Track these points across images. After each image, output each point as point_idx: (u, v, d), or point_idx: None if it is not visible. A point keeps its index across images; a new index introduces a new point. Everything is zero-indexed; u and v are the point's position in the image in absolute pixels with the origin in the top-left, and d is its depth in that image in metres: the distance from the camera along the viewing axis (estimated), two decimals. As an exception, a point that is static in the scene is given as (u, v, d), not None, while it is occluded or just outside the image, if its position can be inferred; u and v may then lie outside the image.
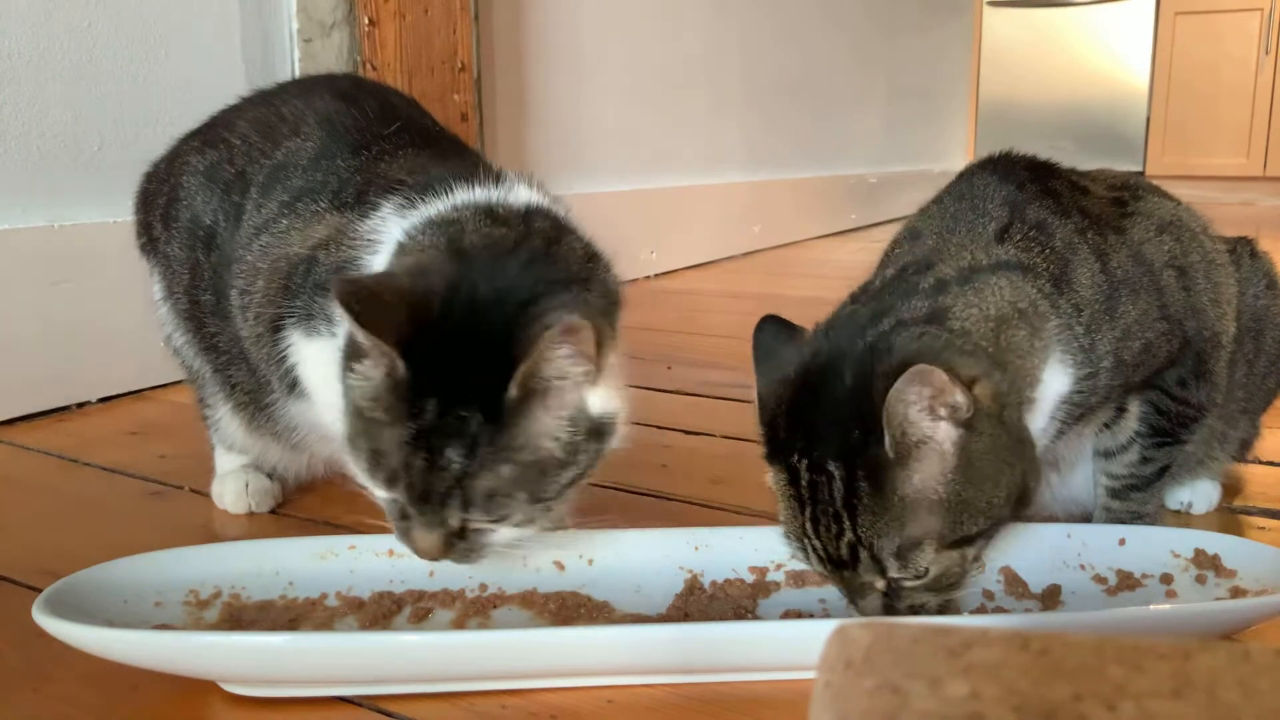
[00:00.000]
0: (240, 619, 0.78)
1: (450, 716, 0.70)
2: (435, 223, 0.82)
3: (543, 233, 0.81)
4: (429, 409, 0.70)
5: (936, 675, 0.35)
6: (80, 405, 1.45)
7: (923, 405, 0.67)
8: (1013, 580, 0.84)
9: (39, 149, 1.42)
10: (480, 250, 0.77)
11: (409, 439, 0.71)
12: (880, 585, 0.72)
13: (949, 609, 0.74)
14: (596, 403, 0.75)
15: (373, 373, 0.72)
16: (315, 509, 1.08)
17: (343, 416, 0.76)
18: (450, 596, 0.83)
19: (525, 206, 0.84)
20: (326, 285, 0.84)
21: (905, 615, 0.73)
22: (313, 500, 1.10)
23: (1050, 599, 0.82)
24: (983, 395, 0.71)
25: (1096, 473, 0.95)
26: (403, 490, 0.72)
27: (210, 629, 0.77)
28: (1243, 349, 0.97)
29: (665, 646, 0.71)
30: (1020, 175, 0.89)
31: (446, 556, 0.75)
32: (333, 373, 0.79)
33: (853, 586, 0.73)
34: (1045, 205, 0.86)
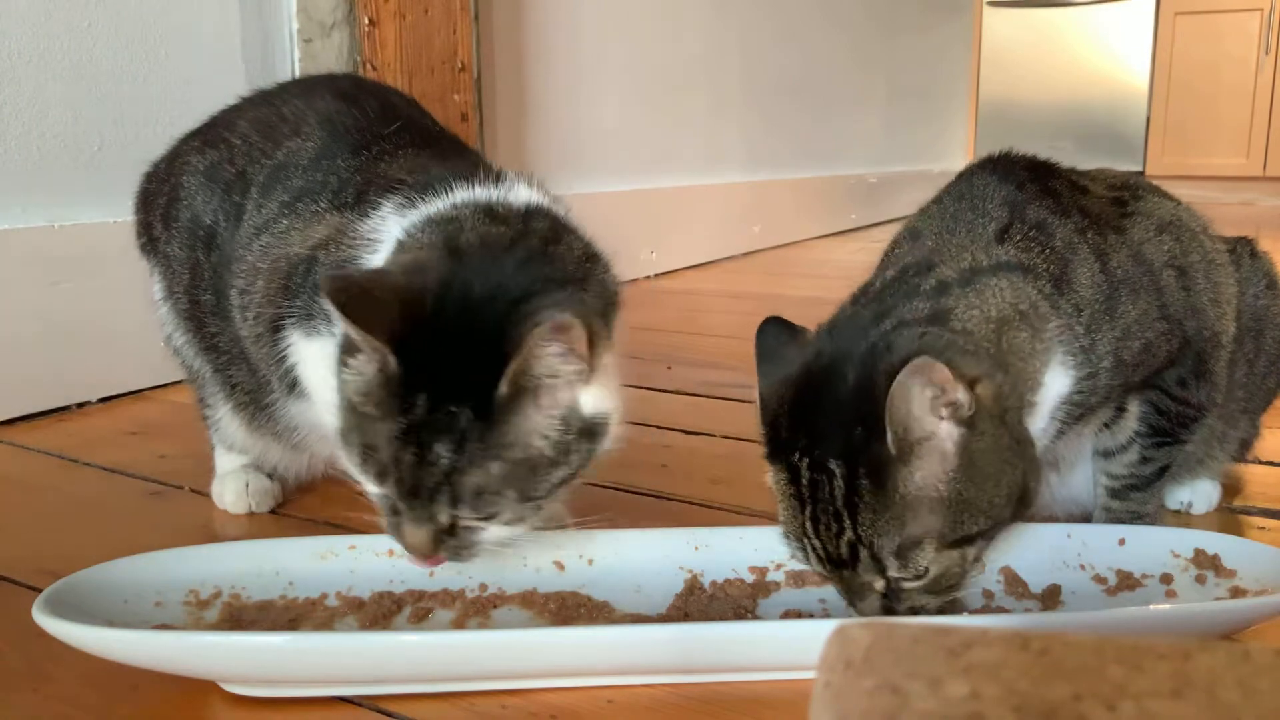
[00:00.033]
0: (240, 619, 0.78)
1: (450, 716, 0.70)
2: (434, 221, 0.82)
3: (541, 232, 0.81)
4: (419, 404, 0.70)
5: (936, 675, 0.35)
6: (80, 405, 1.45)
7: (925, 400, 0.67)
8: (1013, 580, 0.84)
9: (39, 149, 1.42)
10: (476, 248, 0.77)
11: (399, 434, 0.71)
12: (879, 586, 0.72)
13: (950, 610, 0.74)
14: (589, 402, 0.75)
15: (366, 368, 0.72)
16: (315, 509, 1.08)
17: (337, 411, 0.76)
18: (450, 596, 0.83)
19: (525, 206, 0.84)
20: None
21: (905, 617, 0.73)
22: (313, 500, 1.10)
23: (1050, 599, 0.82)
24: (984, 395, 0.71)
25: (1096, 473, 0.95)
26: (392, 485, 0.72)
27: (210, 629, 0.77)
28: (1243, 349, 0.97)
29: (665, 646, 0.71)
30: (1020, 175, 0.89)
31: (436, 554, 0.74)
32: (332, 372, 0.78)
33: (852, 587, 0.73)
34: (1045, 205, 0.86)
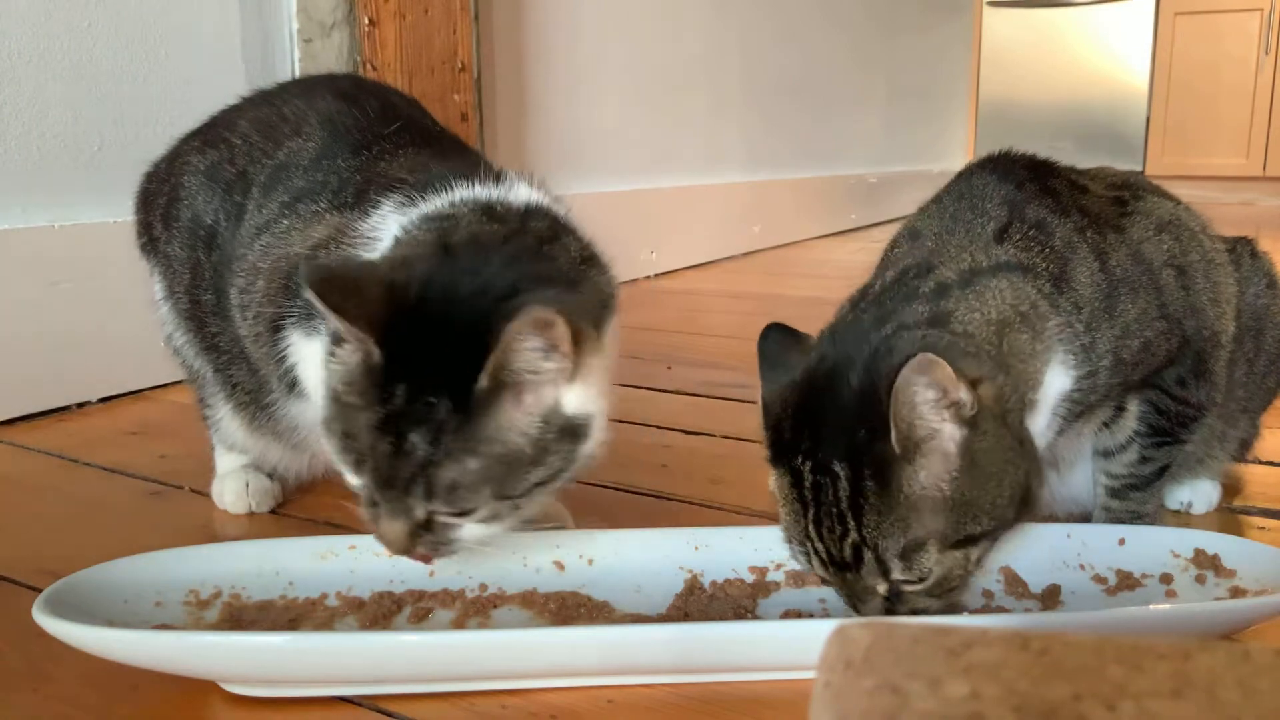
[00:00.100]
0: (240, 619, 0.78)
1: (450, 716, 0.70)
2: (431, 218, 0.82)
3: (537, 232, 0.81)
4: (399, 394, 0.70)
5: (936, 675, 0.35)
6: (80, 405, 1.45)
7: (928, 397, 0.67)
8: (1013, 580, 0.84)
9: (39, 149, 1.42)
10: (467, 245, 0.77)
11: (377, 423, 0.71)
12: (882, 589, 0.72)
13: (950, 611, 0.74)
14: (573, 402, 0.75)
15: (350, 358, 0.73)
16: (315, 509, 1.08)
17: (323, 401, 0.76)
18: (450, 596, 0.83)
19: (525, 205, 0.84)
20: None
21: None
22: (313, 500, 1.10)
23: (1050, 599, 0.82)
24: (986, 396, 0.71)
25: (1096, 472, 0.95)
26: (369, 474, 0.72)
27: (210, 629, 0.77)
28: (1243, 348, 0.97)
29: (665, 646, 0.71)
30: (1019, 174, 0.89)
31: (413, 549, 0.74)
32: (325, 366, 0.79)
33: (855, 590, 0.73)
34: (1044, 204, 0.86)
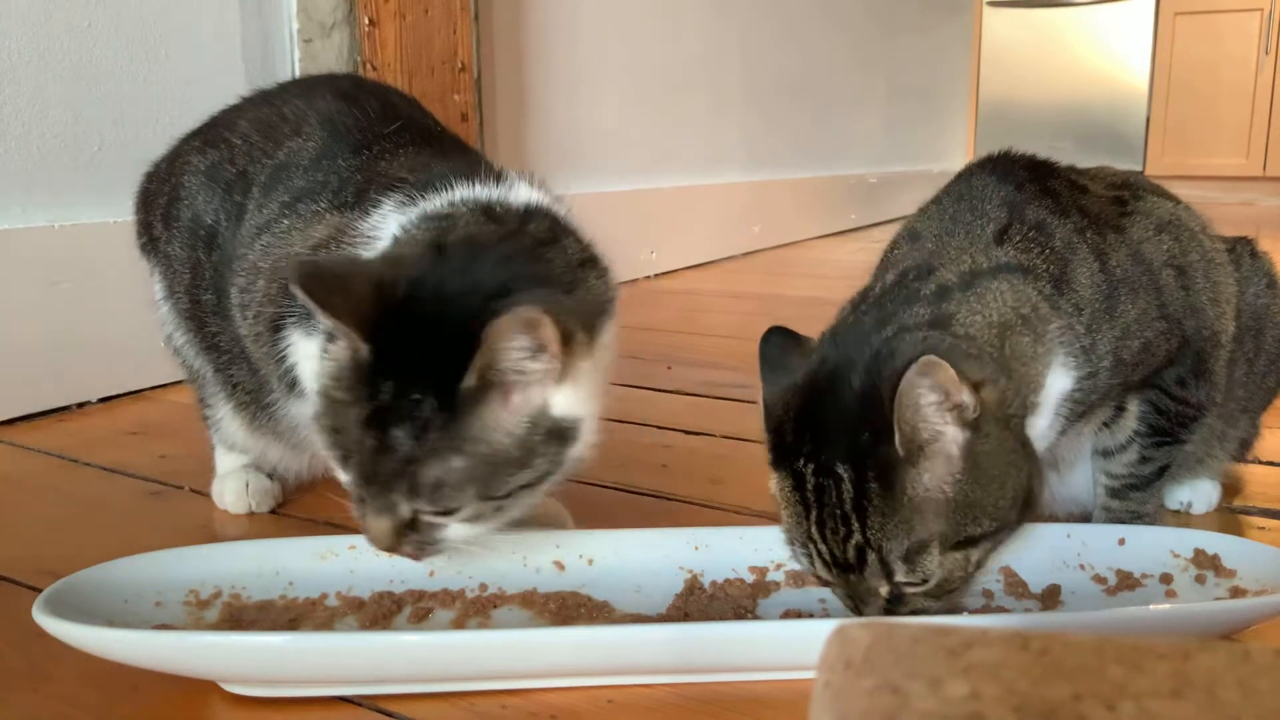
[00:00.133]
0: (240, 619, 0.78)
1: (450, 716, 0.70)
2: (429, 217, 0.82)
3: (535, 232, 0.80)
4: (385, 390, 0.71)
5: (936, 675, 0.35)
6: (80, 405, 1.45)
7: (931, 400, 0.67)
8: (1013, 580, 0.84)
9: (39, 149, 1.42)
10: (461, 244, 0.77)
11: (363, 418, 0.71)
12: (885, 590, 0.72)
13: (950, 611, 0.74)
14: (561, 404, 0.74)
15: (341, 354, 0.73)
16: (315, 509, 1.08)
17: (315, 396, 0.76)
18: (450, 596, 0.83)
19: (524, 206, 0.84)
20: None
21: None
22: (313, 500, 1.10)
23: (1050, 599, 0.82)
24: (988, 398, 0.71)
25: (1096, 472, 0.95)
26: (355, 469, 0.72)
27: (210, 629, 0.77)
28: (1243, 348, 0.97)
29: (665, 646, 0.71)
30: (1019, 175, 0.88)
31: (399, 546, 0.74)
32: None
33: (857, 592, 0.73)
34: (1044, 205, 0.86)
